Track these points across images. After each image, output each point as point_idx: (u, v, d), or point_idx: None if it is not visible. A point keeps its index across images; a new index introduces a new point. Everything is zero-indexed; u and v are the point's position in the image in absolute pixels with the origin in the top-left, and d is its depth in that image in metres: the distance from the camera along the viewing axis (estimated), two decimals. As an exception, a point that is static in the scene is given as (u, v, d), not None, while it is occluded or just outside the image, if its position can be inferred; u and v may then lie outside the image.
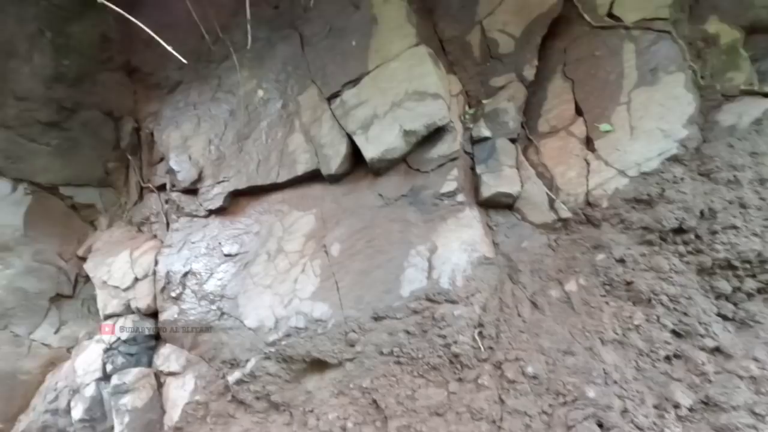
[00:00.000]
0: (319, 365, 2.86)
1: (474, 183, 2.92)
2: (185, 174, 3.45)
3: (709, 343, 2.55)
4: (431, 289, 2.71)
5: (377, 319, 2.74)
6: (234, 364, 3.00)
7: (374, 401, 2.73)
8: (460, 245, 2.77)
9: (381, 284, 2.78)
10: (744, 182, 2.58)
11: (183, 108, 3.69)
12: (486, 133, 2.96)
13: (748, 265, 2.59)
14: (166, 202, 3.59)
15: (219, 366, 3.05)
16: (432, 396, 2.68)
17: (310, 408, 2.86)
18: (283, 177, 3.21)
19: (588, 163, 2.78)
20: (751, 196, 2.57)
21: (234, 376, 2.96)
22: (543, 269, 2.78)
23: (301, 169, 3.17)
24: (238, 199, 3.41)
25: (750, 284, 2.61)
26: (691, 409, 2.47)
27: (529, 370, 2.61)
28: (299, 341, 2.83)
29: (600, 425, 2.47)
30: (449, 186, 2.84)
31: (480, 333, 2.70)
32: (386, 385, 2.73)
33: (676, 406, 2.47)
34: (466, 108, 3.13)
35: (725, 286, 2.62)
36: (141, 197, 3.81)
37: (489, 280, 2.76)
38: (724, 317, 2.62)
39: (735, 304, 2.63)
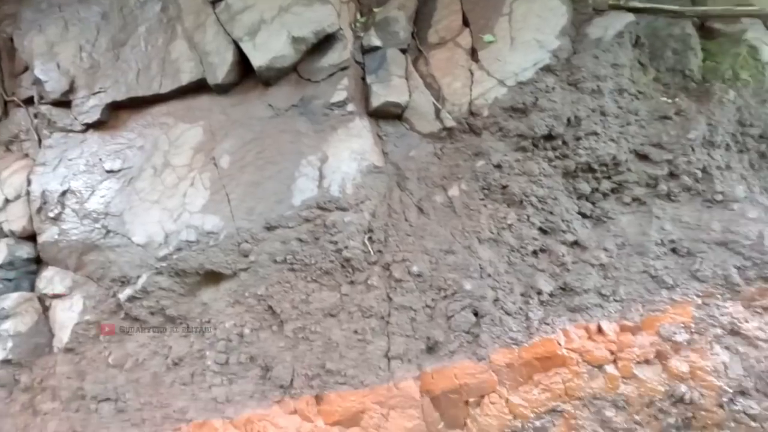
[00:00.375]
0: (213, 277, 2.97)
1: (364, 93, 3.04)
2: (54, 84, 3.25)
3: (570, 237, 2.97)
4: (322, 198, 2.87)
5: (270, 228, 2.87)
6: (124, 281, 3.03)
7: (270, 307, 2.92)
8: (350, 154, 2.93)
9: (272, 195, 2.89)
10: (605, 92, 2.92)
11: (46, 10, 3.39)
12: (377, 42, 3.05)
13: (605, 168, 2.99)
14: (36, 116, 3.37)
15: (108, 285, 3.07)
16: (325, 299, 2.92)
17: (207, 319, 3.00)
18: (167, 87, 3.13)
19: (472, 74, 2.99)
20: (611, 104, 2.93)
21: (125, 293, 3.01)
22: (429, 176, 3.02)
23: (185, 79, 3.11)
24: (118, 111, 3.29)
25: (606, 185, 3.03)
26: (551, 295, 2.91)
27: (414, 269, 2.90)
28: (191, 254, 2.91)
29: (475, 314, 2.85)
30: (339, 96, 2.94)
31: (370, 238, 2.92)
32: (281, 291, 2.92)
33: (539, 292, 2.90)
34: (357, 16, 3.18)
35: (585, 188, 3.02)
36: (6, 113, 3.54)
37: (378, 187, 2.96)
38: (584, 215, 3.04)
39: (593, 203, 3.06)
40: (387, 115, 3.03)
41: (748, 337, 2.85)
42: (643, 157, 2.99)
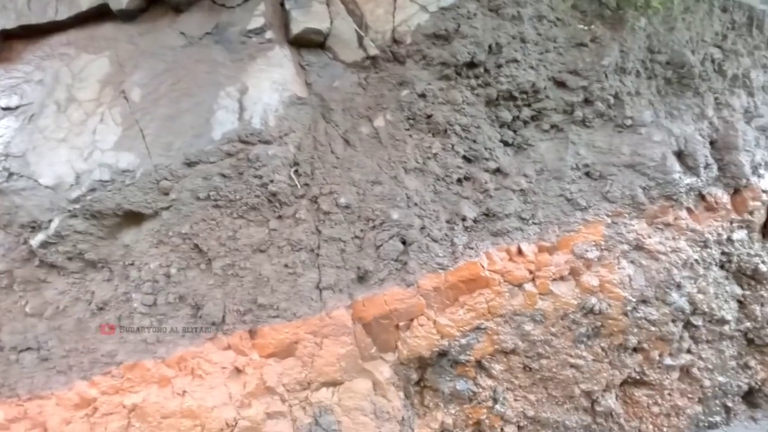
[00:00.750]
0: (133, 217, 2.95)
1: (283, 19, 3.00)
2: (-71, 10, 2.97)
3: (492, 165, 3.16)
4: (243, 131, 2.87)
5: (190, 164, 2.86)
6: (35, 226, 2.95)
7: (196, 245, 2.95)
8: (271, 85, 2.92)
9: (190, 129, 2.86)
10: (525, 18, 3.04)
11: None
12: (294, -36, 2.99)
13: (525, 96, 3.16)
14: None
15: (18, 231, 2.98)
16: (253, 234, 2.98)
17: (130, 261, 2.99)
18: (64, 14, 2.94)
19: (395, 0, 3.01)
20: (531, 31, 3.06)
21: (37, 239, 2.93)
22: (354, 107, 3.08)
23: (85, 4, 2.93)
24: (10, 42, 3.07)
25: (526, 113, 3.22)
26: (475, 221, 3.12)
27: (342, 201, 3.01)
28: (107, 195, 2.86)
29: (403, 242, 3.01)
30: (256, 22, 2.89)
31: (296, 171, 2.98)
32: (206, 229, 2.95)
33: (464, 219, 3.09)
34: (273, -65, 3.08)
35: (507, 116, 3.19)
36: None
37: (302, 119, 2.99)
38: (505, 143, 3.23)
39: (514, 131, 3.24)
40: (308, 43, 3.02)
41: (651, 251, 3.20)
42: (561, 84, 3.17)
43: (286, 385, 2.92)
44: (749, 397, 4.02)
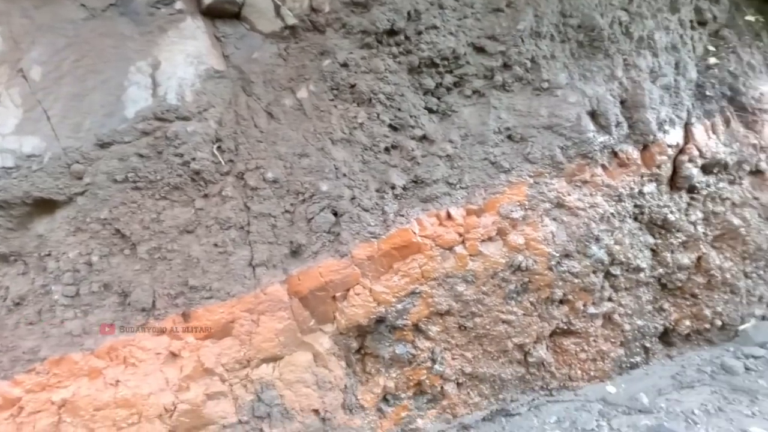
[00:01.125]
0: (45, 205, 2.84)
1: (194, -11, 2.93)
2: None
3: (418, 132, 3.28)
4: (159, 107, 2.82)
5: (103, 145, 2.78)
6: (-67, 221, 2.79)
7: (117, 230, 2.89)
8: (185, 58, 2.87)
9: (100, 108, 2.78)
10: (441, -16, 3.12)
11: None
12: (202, -73, 2.91)
13: (446, 62, 3.28)
14: None
15: None
16: (179, 215, 2.96)
17: (46, 251, 2.90)
18: (-58, -15, 2.73)
19: (308, -34, 3.01)
20: (448, -3, 3.16)
21: (-63, 235, 2.77)
22: (275, 79, 3.08)
23: (-34, -25, 2.73)
24: None
25: (448, 79, 3.34)
26: (404, 188, 3.24)
27: (270, 175, 3.03)
28: (12, 183, 2.74)
29: (335, 213, 3.09)
30: (164, -8, 2.81)
31: (219, 147, 2.97)
32: (127, 212, 2.89)
33: (393, 187, 3.21)
34: None
35: (430, 83, 3.30)
36: None
37: (222, 93, 2.97)
38: (430, 110, 3.35)
39: (438, 98, 3.37)
40: (222, 13, 2.98)
41: (571, 208, 3.46)
42: (480, 50, 3.32)
43: (225, 365, 2.97)
44: (665, 337, 4.48)
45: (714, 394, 4.02)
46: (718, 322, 4.52)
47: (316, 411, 3.19)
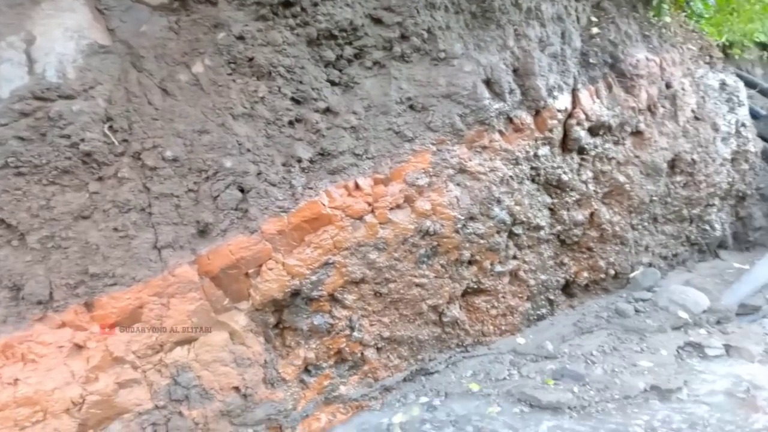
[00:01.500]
0: None
1: (67, -43, 2.78)
2: None
3: (322, 105, 3.35)
4: (37, 86, 2.68)
5: (-25, 130, 2.60)
6: None
7: (2, 220, 2.74)
8: (64, 33, 2.74)
9: (-32, 88, 2.58)
10: (334, -46, 3.18)
11: None
12: None
13: (345, 34, 3.36)
14: None
15: None
16: (71, 201, 2.85)
17: None
18: None
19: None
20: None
21: None
22: (168, 54, 3.01)
23: None
24: None
25: (348, 51, 3.43)
26: (311, 161, 3.31)
27: (169, 154, 2.99)
28: None
29: (241, 190, 3.11)
30: (33, -40, 2.64)
31: (110, 127, 2.87)
32: (11, 200, 2.74)
33: (299, 160, 3.27)
34: None
35: (330, 55, 3.37)
36: None
37: (109, 69, 2.87)
38: (332, 82, 3.42)
39: (339, 70, 3.45)
40: (102, -16, 2.86)
41: (472, 172, 3.71)
42: (378, 21, 3.43)
43: (137, 352, 2.94)
44: (566, 289, 4.95)
45: (609, 336, 4.53)
46: (612, 272, 5.05)
47: (236, 388, 3.24)
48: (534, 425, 3.51)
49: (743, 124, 5.89)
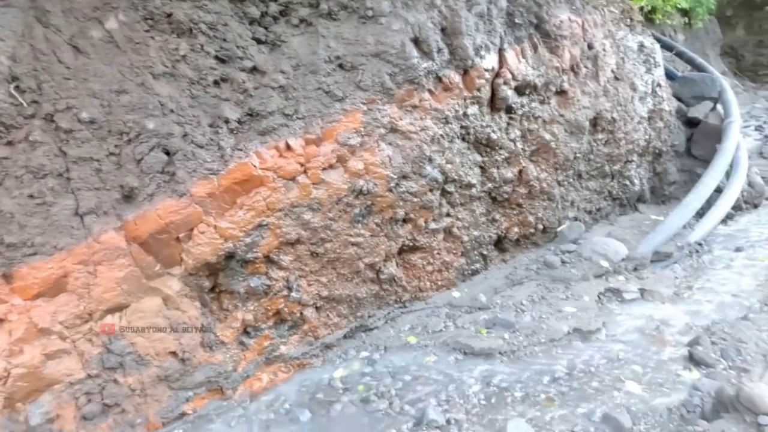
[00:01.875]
0: None
1: None
2: None
3: (248, 64, 3.29)
4: (-72, 42, 2.47)
5: None
6: None
7: None
8: (-46, -17, 2.52)
9: None
10: None
11: None
12: None
13: (268, -10, 3.28)
14: None
15: None
16: (-20, 168, 2.68)
17: None
18: None
19: None
20: None
21: None
22: (77, 8, 2.86)
23: None
24: None
25: (273, 8, 3.37)
26: (239, 122, 3.27)
27: (85, 116, 2.86)
28: None
29: (167, 152, 3.04)
30: None
31: (17, 87, 2.72)
32: None
33: (227, 121, 3.22)
34: None
35: (255, 11, 3.30)
36: None
37: (11, 25, 2.70)
38: (258, 40, 3.37)
39: (265, 28, 3.39)
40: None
41: (404, 132, 3.79)
42: (302, -24, 3.38)
43: (64, 322, 2.88)
44: (499, 244, 5.20)
45: (538, 287, 4.84)
46: (540, 227, 5.35)
47: (173, 353, 3.25)
48: (468, 371, 3.74)
49: (659, 84, 6.29)
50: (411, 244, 4.19)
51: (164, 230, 3.07)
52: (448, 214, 4.39)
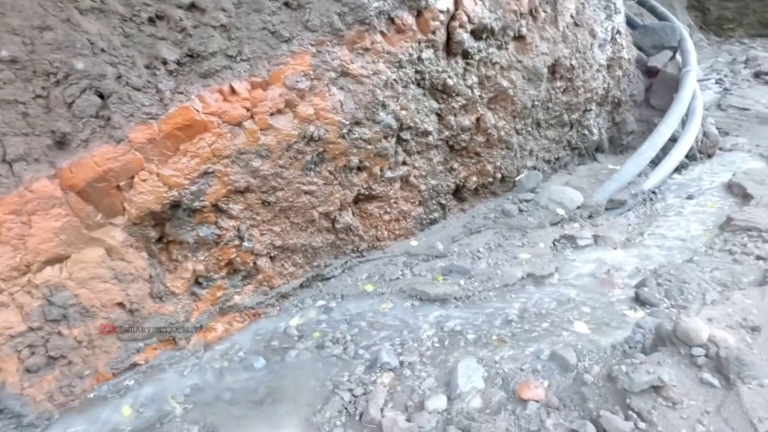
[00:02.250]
0: None
1: None
2: None
3: (185, 0, 3.09)
4: None
5: None
6: None
7: None
8: None
9: None
10: None
11: None
12: None
13: None
14: None
15: None
16: None
17: None
18: None
19: None
20: None
21: None
22: (-14, -67, 2.59)
23: None
24: None
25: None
26: (179, 63, 3.10)
27: (4, 54, 2.66)
28: None
29: (100, 95, 2.87)
30: None
31: (-76, 21, 2.48)
32: None
33: (165, 62, 3.05)
34: None
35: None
36: None
37: None
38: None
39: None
40: None
41: (355, 75, 3.68)
42: None
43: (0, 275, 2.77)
44: (457, 193, 5.22)
45: (495, 235, 4.90)
46: (499, 176, 5.38)
47: (120, 304, 3.19)
48: (423, 316, 3.81)
49: (619, 32, 6.26)
50: (367, 192, 4.16)
51: (102, 178, 2.95)
52: (404, 163, 4.35)
